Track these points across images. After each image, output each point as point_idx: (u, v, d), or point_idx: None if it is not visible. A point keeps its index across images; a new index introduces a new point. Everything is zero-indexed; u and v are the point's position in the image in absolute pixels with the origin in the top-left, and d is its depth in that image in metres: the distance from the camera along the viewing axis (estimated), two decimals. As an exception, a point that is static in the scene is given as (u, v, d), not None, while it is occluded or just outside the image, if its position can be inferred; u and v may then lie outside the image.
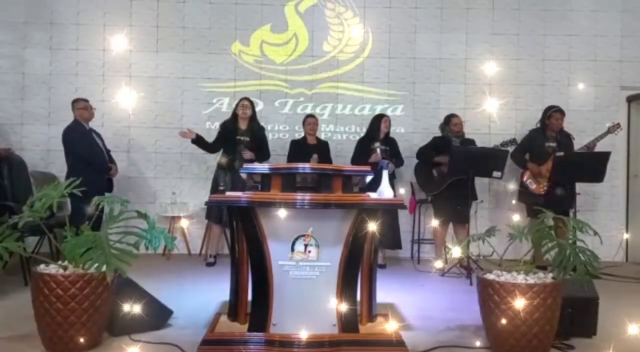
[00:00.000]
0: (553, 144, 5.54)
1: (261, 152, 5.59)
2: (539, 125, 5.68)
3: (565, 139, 5.60)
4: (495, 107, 6.34)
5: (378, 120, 5.65)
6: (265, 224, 3.01)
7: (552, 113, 5.55)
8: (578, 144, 5.60)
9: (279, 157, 6.03)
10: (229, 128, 5.57)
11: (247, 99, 5.63)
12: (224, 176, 5.49)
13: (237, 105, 5.63)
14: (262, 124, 5.78)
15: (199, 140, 5.57)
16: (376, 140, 5.58)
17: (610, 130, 5.54)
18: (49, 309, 2.83)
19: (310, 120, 5.79)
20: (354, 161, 5.52)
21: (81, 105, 5.27)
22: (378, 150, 5.49)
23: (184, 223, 5.91)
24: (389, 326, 3.22)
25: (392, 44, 6.39)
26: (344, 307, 2.99)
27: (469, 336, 3.28)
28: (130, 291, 3.19)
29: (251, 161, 5.40)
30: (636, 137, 6.32)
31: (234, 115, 5.61)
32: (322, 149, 5.80)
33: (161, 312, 3.37)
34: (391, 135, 5.79)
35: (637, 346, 3.04)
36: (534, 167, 5.50)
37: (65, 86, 6.17)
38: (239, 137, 5.50)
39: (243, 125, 5.57)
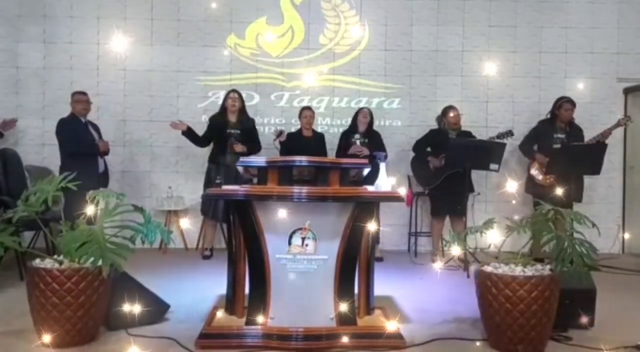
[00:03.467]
0: (561, 136, 5.53)
1: (253, 144, 5.54)
2: (548, 116, 5.66)
3: (575, 131, 5.58)
4: (492, 99, 6.34)
5: (357, 113, 5.67)
6: (263, 218, 3.00)
7: (562, 103, 5.54)
8: (587, 136, 5.56)
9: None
10: (218, 121, 5.51)
11: (235, 91, 5.57)
12: (216, 170, 5.45)
13: (225, 97, 5.57)
14: (258, 117, 5.72)
15: (190, 133, 5.52)
16: (356, 133, 5.57)
17: (620, 123, 5.53)
18: (45, 303, 2.81)
19: (306, 113, 5.75)
20: (337, 155, 5.55)
21: (74, 99, 5.29)
22: (357, 142, 5.49)
23: (184, 223, 5.89)
24: (387, 319, 3.22)
25: (388, 37, 6.36)
26: (341, 300, 2.98)
27: (466, 329, 3.28)
28: (127, 285, 3.18)
29: (243, 154, 5.36)
30: (633, 129, 6.32)
31: (223, 109, 5.55)
32: (317, 142, 5.76)
33: (158, 307, 3.36)
34: (387, 128, 5.76)
35: (635, 337, 3.05)
36: (541, 158, 5.49)
37: (60, 80, 6.12)
38: (229, 130, 5.44)
39: (232, 118, 5.52)
